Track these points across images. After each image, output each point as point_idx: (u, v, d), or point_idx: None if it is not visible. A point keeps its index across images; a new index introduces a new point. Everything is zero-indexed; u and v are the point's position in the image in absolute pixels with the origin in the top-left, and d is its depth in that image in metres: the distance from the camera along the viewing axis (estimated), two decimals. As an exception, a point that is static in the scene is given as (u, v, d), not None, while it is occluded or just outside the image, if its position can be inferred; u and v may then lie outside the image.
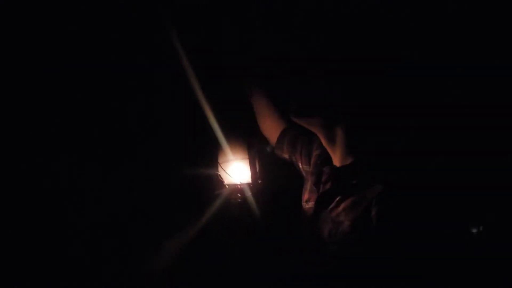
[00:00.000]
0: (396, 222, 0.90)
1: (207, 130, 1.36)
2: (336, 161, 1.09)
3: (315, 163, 1.18)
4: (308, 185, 1.17)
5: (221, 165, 1.33)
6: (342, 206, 0.99)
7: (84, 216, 1.46)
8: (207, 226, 1.34)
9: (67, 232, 1.43)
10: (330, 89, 1.01)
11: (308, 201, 1.14)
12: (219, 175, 1.34)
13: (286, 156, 1.37)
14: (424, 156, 1.07)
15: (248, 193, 1.29)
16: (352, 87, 1.00)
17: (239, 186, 1.30)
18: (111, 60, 1.44)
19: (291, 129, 1.37)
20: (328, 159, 1.11)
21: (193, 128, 1.47)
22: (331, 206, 1.02)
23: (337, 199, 1.01)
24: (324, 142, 1.09)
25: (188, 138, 1.50)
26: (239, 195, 1.29)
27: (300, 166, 1.29)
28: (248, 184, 1.30)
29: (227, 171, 1.32)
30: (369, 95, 1.01)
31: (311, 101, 1.04)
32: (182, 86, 1.39)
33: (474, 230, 0.96)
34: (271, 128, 1.42)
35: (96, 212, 1.47)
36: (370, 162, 1.01)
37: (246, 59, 1.44)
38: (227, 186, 1.32)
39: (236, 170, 1.33)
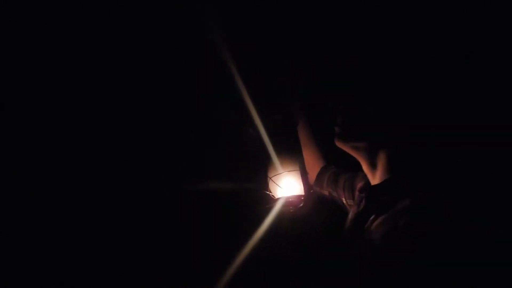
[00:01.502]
0: (423, 234, 0.88)
1: (256, 144, 1.36)
2: (374, 184, 1.10)
3: (357, 196, 1.19)
4: (350, 215, 1.17)
5: (271, 178, 1.32)
6: (375, 224, 0.99)
7: (134, 232, 1.50)
8: (261, 240, 1.32)
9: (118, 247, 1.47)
10: (379, 115, 1.04)
11: (348, 229, 1.14)
12: (269, 189, 1.32)
13: (325, 192, 1.39)
14: (455, 174, 1.06)
15: (301, 205, 1.26)
16: (400, 113, 1.03)
17: (290, 199, 1.28)
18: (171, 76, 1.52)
19: (331, 167, 1.41)
20: (368, 186, 1.12)
21: (241, 143, 1.47)
22: (366, 225, 1.02)
23: (371, 218, 1.01)
24: (365, 166, 1.10)
25: (237, 152, 1.51)
26: (291, 207, 1.26)
27: (344, 201, 1.30)
28: (300, 196, 1.28)
29: (278, 184, 1.30)
30: (416, 121, 1.03)
31: (358, 126, 1.06)
32: (234, 103, 1.42)
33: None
34: (312, 164, 1.44)
35: (141, 228, 1.50)
36: (401, 180, 1.02)
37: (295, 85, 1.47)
38: (278, 199, 1.30)
39: (287, 183, 1.30)
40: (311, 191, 1.28)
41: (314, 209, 1.28)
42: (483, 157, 1.10)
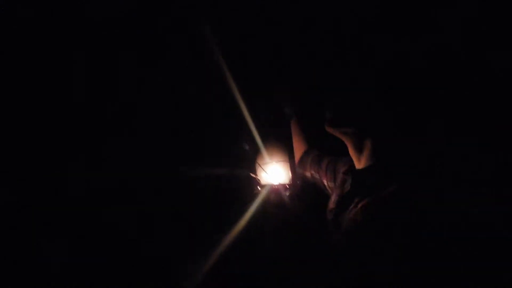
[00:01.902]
0: (406, 219, 0.91)
1: (248, 133, 1.42)
2: (359, 168, 1.14)
3: (341, 179, 1.24)
4: (333, 197, 1.22)
5: (261, 166, 1.39)
6: (359, 206, 1.03)
7: (124, 215, 1.51)
8: (246, 225, 1.36)
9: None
10: (368, 103, 1.08)
11: (332, 210, 1.19)
12: (257, 175, 1.39)
13: (308, 174, 1.44)
14: (440, 163, 1.08)
15: (286, 193, 1.33)
16: (388, 102, 1.06)
17: (275, 186, 1.35)
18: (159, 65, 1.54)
19: (314, 150, 1.45)
20: (353, 170, 1.17)
21: (234, 132, 1.52)
22: (351, 207, 1.06)
23: (356, 200, 1.05)
24: (351, 150, 1.14)
25: (230, 141, 1.55)
26: (276, 194, 1.33)
27: (326, 183, 1.35)
28: (286, 185, 1.35)
29: (266, 172, 1.37)
30: (402, 110, 1.06)
31: (348, 113, 1.11)
32: (225, 94, 1.45)
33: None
34: (297, 147, 1.50)
35: (133, 212, 1.51)
36: (386, 165, 1.06)
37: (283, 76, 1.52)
38: (265, 186, 1.36)
39: (275, 172, 1.38)
40: (298, 182, 1.35)
41: (298, 195, 1.34)
42: (470, 145, 1.12)
